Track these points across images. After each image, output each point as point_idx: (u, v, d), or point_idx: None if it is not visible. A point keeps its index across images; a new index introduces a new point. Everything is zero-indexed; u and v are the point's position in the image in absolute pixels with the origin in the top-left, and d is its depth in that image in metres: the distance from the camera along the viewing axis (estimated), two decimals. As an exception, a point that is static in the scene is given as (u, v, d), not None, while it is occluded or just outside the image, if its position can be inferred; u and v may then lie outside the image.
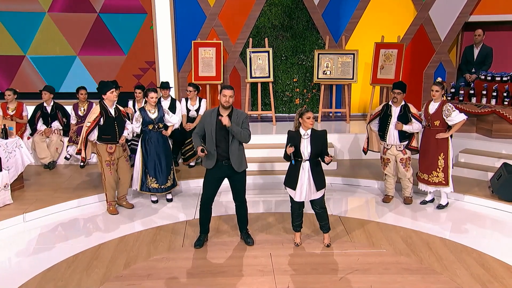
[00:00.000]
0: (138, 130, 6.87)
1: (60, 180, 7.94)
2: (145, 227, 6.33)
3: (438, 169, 6.63)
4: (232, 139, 5.35)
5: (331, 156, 5.34)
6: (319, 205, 5.54)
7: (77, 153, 6.68)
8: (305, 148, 5.34)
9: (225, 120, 5.25)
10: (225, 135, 5.35)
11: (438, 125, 6.55)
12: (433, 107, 6.61)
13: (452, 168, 6.70)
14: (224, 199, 7.13)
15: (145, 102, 8.05)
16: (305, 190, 5.41)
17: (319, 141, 5.36)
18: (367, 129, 7.13)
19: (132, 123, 6.85)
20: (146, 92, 6.87)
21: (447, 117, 6.45)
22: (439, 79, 6.69)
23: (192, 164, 8.46)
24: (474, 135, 8.53)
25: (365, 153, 7.20)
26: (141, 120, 6.80)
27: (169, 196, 7.25)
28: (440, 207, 6.82)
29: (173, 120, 7.06)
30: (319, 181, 5.42)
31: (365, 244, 5.78)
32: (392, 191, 7.12)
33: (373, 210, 6.95)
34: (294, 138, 5.39)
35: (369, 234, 6.03)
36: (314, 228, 6.08)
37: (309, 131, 5.36)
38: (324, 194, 5.55)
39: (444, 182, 6.64)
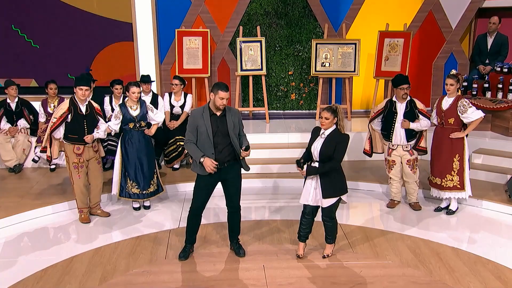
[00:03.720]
0: (116, 128, 6.83)
1: (28, 185, 7.89)
2: (123, 237, 6.30)
3: (452, 172, 6.61)
4: (233, 139, 5.37)
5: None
6: (326, 215, 5.51)
7: (41, 151, 6.74)
8: (315, 148, 5.32)
9: (244, 155, 5.38)
10: (224, 136, 5.34)
11: (452, 123, 6.53)
12: (446, 102, 6.59)
13: (469, 170, 6.70)
14: (212, 205, 7.11)
15: (124, 98, 8.07)
16: (311, 194, 5.40)
17: (333, 143, 5.24)
18: (368, 128, 7.12)
19: (110, 120, 6.81)
20: (127, 86, 6.82)
21: (462, 114, 6.42)
22: (454, 71, 6.63)
23: (176, 166, 8.43)
24: (489, 133, 8.57)
25: (370, 155, 7.19)
26: (121, 117, 6.76)
27: (146, 203, 7.21)
28: (449, 212, 6.84)
29: (158, 118, 7.03)
30: (327, 188, 5.34)
31: (369, 254, 5.79)
32: (398, 195, 7.14)
33: (377, 217, 6.96)
34: (312, 135, 5.43)
35: (373, 244, 6.04)
36: (312, 236, 6.06)
37: (328, 131, 5.30)
38: (334, 205, 5.45)
39: (459, 186, 6.62)
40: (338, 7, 10.28)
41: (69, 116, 6.42)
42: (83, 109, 6.48)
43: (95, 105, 6.70)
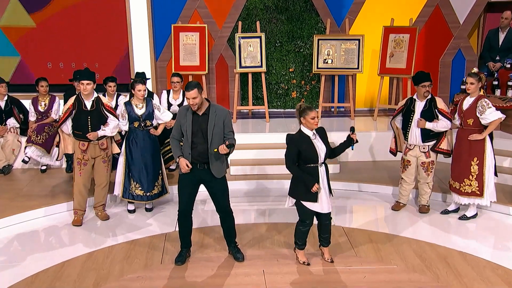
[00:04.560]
0: (126, 128, 6.85)
1: (18, 186, 7.88)
2: (117, 241, 6.30)
3: (470, 177, 6.55)
4: (211, 141, 5.35)
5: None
6: (329, 216, 5.53)
7: (57, 146, 6.94)
8: (322, 151, 5.32)
9: (222, 150, 5.31)
10: (203, 136, 5.36)
11: (471, 124, 6.47)
12: (467, 102, 6.53)
13: (496, 176, 6.64)
14: (209, 208, 7.11)
15: (118, 96, 8.08)
16: (326, 198, 5.41)
17: (326, 138, 5.43)
18: (392, 126, 7.11)
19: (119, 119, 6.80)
20: (132, 83, 6.84)
21: (480, 115, 6.36)
22: (475, 70, 6.57)
23: (172, 167, 8.43)
24: (499, 133, 8.54)
25: (395, 154, 7.17)
26: (127, 116, 6.78)
27: (148, 206, 7.22)
28: (463, 218, 6.79)
29: (165, 118, 7.02)
30: (330, 186, 5.49)
31: (373, 259, 5.79)
32: (405, 198, 7.13)
33: (382, 220, 6.97)
34: (300, 142, 5.29)
35: (377, 248, 6.04)
36: (313, 241, 6.05)
37: (314, 131, 5.36)
38: None
39: (478, 192, 6.56)
40: (341, 1, 10.28)
41: (74, 112, 6.50)
42: (88, 105, 6.52)
43: (105, 101, 6.70)
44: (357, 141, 5.57)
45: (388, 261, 5.73)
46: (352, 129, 5.58)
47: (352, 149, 5.69)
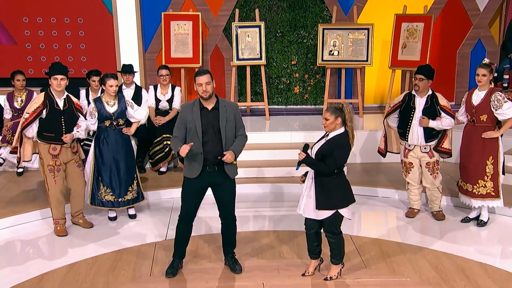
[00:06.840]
0: (94, 127, 6.81)
1: (-8, 191, 7.89)
2: (102, 251, 6.29)
3: (486, 177, 6.56)
4: (225, 139, 5.33)
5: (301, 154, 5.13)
6: (327, 230, 5.40)
7: (11, 152, 6.71)
8: (314, 148, 5.31)
9: (229, 158, 5.26)
10: (215, 133, 5.33)
11: (485, 120, 6.46)
12: (478, 97, 6.51)
13: (503, 175, 6.65)
14: (204, 214, 7.10)
15: (102, 91, 8.06)
16: (303, 202, 5.34)
17: (332, 147, 5.16)
18: (384, 124, 7.12)
19: (86, 118, 6.78)
20: (103, 78, 6.81)
21: (496, 110, 6.34)
22: (486, 60, 6.58)
23: (163, 170, 8.43)
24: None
25: (384, 155, 7.20)
26: (96, 114, 6.75)
27: (131, 212, 7.22)
28: (481, 224, 6.79)
29: (138, 116, 7.00)
30: (321, 198, 5.22)
31: (384, 270, 5.79)
32: (418, 203, 7.13)
33: (393, 228, 6.98)
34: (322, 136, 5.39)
35: (388, 258, 6.04)
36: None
37: (334, 134, 5.21)
38: (334, 218, 5.30)
39: (493, 193, 6.57)
40: (348, -13, 10.32)
41: (44, 111, 6.38)
42: (61, 103, 6.46)
43: (75, 100, 6.68)
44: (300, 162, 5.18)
45: (400, 273, 5.74)
46: (305, 147, 5.20)
47: (297, 169, 5.33)
